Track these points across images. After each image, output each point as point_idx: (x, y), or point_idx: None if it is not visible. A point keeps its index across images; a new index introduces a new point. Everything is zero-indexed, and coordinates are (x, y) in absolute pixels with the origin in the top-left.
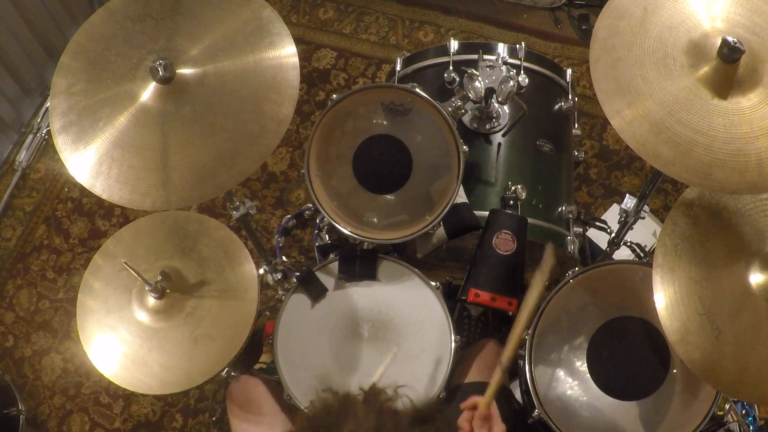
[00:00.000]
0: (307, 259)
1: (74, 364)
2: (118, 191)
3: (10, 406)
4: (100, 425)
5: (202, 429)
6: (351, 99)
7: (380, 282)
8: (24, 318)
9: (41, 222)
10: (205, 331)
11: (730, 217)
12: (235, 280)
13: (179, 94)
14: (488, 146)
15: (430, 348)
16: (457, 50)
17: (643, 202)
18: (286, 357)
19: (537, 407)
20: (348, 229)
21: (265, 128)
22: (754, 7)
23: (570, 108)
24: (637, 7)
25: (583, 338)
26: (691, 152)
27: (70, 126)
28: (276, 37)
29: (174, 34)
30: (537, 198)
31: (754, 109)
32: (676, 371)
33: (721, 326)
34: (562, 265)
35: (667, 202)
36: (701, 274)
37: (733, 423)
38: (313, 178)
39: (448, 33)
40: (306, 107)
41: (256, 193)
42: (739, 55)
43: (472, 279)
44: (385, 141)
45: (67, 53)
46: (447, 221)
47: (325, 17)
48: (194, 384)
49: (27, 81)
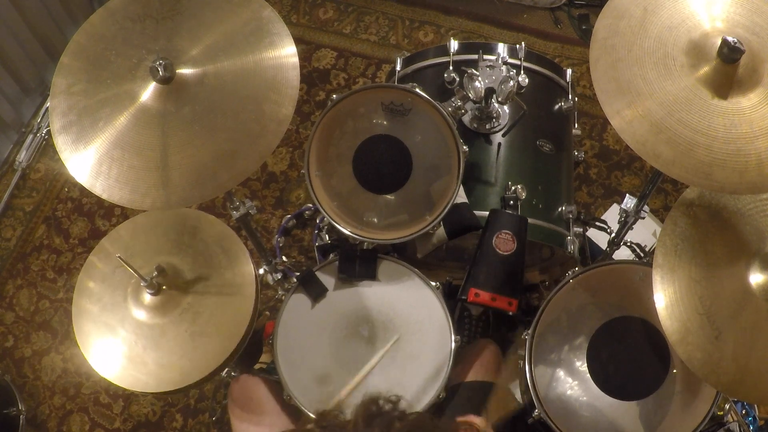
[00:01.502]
0: (307, 259)
1: (74, 364)
2: (118, 191)
3: (10, 406)
4: (100, 425)
5: (202, 429)
6: (351, 99)
7: (380, 282)
8: (24, 318)
9: (41, 222)
10: (201, 328)
11: (730, 217)
12: (233, 276)
13: (179, 94)
14: (488, 146)
15: (430, 348)
16: (457, 50)
17: (643, 202)
18: (286, 357)
19: (537, 407)
20: (348, 229)
21: (265, 128)
22: (754, 7)
23: (570, 108)
24: (637, 7)
25: (583, 338)
26: (691, 152)
27: (70, 126)
28: (276, 37)
29: (174, 34)
30: (537, 198)
31: (754, 109)
32: (676, 371)
33: (721, 326)
34: (563, 265)
35: (667, 202)
36: (701, 274)
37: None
38: (313, 178)
39: (448, 33)
40: (306, 107)
41: (256, 193)
42: (739, 55)
43: (472, 279)
44: (385, 141)
45: (67, 53)
46: (447, 221)
47: (325, 17)
48: (191, 382)
49: (27, 81)
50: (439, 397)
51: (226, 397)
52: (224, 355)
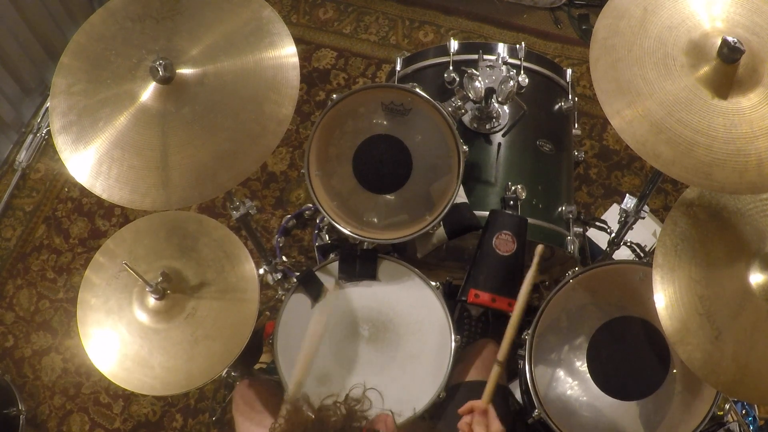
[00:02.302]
0: (307, 259)
1: (74, 364)
2: (118, 191)
3: (10, 406)
4: (100, 425)
5: (202, 429)
6: (351, 99)
7: (380, 282)
8: (24, 318)
9: (41, 222)
10: (206, 332)
11: (730, 217)
12: (236, 280)
13: (179, 94)
14: (488, 146)
15: (430, 348)
16: (457, 50)
17: (643, 202)
18: (286, 357)
19: (537, 407)
20: (348, 229)
21: (265, 128)
22: (754, 7)
23: (570, 108)
24: (637, 7)
25: (583, 338)
26: (691, 152)
27: (70, 126)
28: (276, 37)
29: (174, 34)
30: (537, 198)
31: (754, 109)
32: (676, 371)
33: (721, 326)
34: (563, 265)
35: (667, 202)
36: (701, 274)
37: (733, 423)
38: (313, 178)
39: (448, 33)
40: (306, 107)
41: (256, 193)
42: (739, 55)
43: (472, 279)
44: (385, 141)
45: (67, 53)
46: (447, 221)
47: (325, 17)
48: (196, 385)
49: (27, 81)
50: (439, 397)
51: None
52: (230, 357)
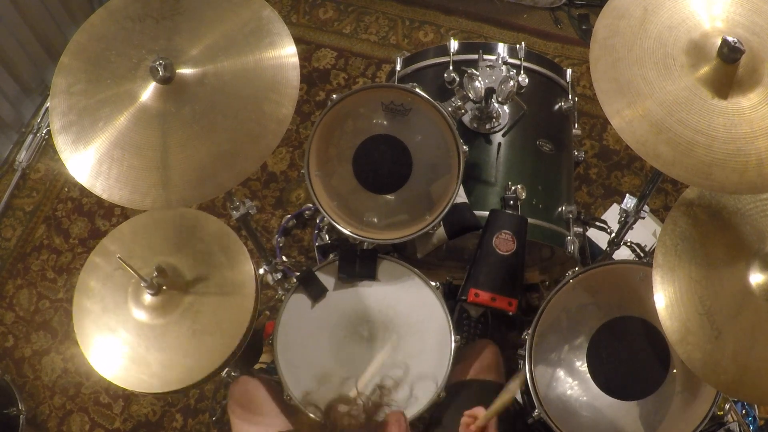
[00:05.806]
0: (307, 259)
1: (74, 364)
2: (118, 191)
3: (10, 406)
4: (100, 425)
5: (202, 429)
6: (351, 99)
7: (380, 282)
8: (24, 318)
9: (41, 222)
10: (202, 327)
11: (730, 217)
12: (232, 275)
13: (179, 94)
14: (488, 146)
15: (430, 348)
16: (457, 50)
17: (643, 202)
18: (286, 357)
19: (537, 407)
20: (348, 229)
21: (265, 128)
22: (754, 7)
23: (570, 108)
24: (637, 7)
25: (583, 338)
26: (691, 152)
27: (70, 126)
28: (276, 37)
29: (174, 34)
30: (537, 198)
31: (754, 109)
32: (676, 371)
33: (721, 326)
34: (563, 265)
35: (667, 202)
36: (701, 274)
37: (733, 423)
38: (313, 178)
39: (448, 33)
40: (306, 107)
41: (256, 193)
42: (739, 55)
43: (472, 279)
44: (385, 141)
45: (67, 53)
46: (447, 221)
47: (325, 17)
48: (195, 380)
49: (27, 81)
50: (439, 397)
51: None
52: (227, 352)
